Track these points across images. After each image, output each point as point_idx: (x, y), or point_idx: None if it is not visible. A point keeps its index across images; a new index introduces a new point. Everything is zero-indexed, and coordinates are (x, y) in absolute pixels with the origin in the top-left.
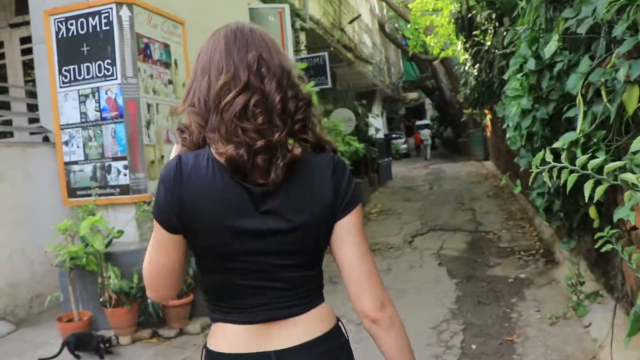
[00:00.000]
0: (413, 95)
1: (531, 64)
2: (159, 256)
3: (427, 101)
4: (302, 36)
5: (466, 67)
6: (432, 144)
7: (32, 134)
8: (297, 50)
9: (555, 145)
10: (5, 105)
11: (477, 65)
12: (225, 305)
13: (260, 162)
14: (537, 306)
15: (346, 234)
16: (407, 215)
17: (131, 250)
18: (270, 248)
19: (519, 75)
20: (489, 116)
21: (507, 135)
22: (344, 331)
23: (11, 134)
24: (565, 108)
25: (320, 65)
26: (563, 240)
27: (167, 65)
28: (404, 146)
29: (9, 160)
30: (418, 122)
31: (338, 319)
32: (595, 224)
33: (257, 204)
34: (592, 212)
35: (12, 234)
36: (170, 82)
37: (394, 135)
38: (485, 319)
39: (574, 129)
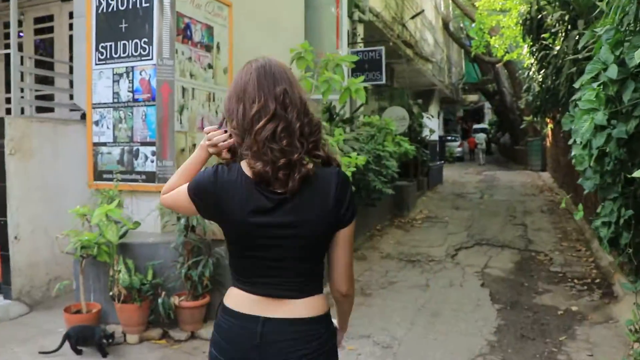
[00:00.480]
0: (472, 97)
1: (612, 72)
2: (175, 202)
3: (487, 105)
4: (360, 28)
5: (530, 72)
6: (487, 149)
7: (71, 110)
8: (353, 43)
9: (636, 175)
10: (50, 80)
11: (542, 71)
12: (240, 277)
13: (281, 176)
14: (589, 349)
15: (343, 240)
16: (454, 225)
17: (149, 243)
18: (280, 242)
19: (594, 85)
20: (550, 125)
21: (573, 153)
22: (328, 323)
23: (52, 110)
24: None
25: (375, 59)
26: (629, 279)
27: (208, 48)
28: (459, 149)
29: (40, 137)
30: (475, 126)
31: (327, 312)
32: None
33: (275, 208)
34: None
35: (37, 212)
36: (210, 66)
37: (449, 138)
38: (527, 357)
39: None
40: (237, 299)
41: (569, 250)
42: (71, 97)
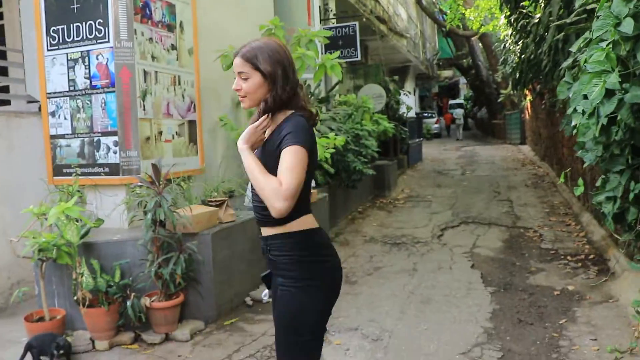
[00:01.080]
0: (447, 73)
1: (628, 26)
2: (300, 180)
3: (462, 80)
4: (332, 3)
5: (507, 44)
6: (464, 124)
7: (29, 102)
8: (325, 19)
9: None
10: (3, 71)
11: (521, 41)
12: (306, 205)
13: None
14: (592, 332)
15: None
16: (437, 203)
17: (115, 241)
18: None
19: (603, 44)
20: (529, 97)
21: (574, 122)
22: (303, 237)
23: (9, 103)
24: None
25: (349, 35)
26: (636, 257)
27: (170, 27)
28: (436, 126)
29: None
30: (451, 101)
31: (301, 231)
32: None
33: None
34: None
35: None
36: (173, 47)
37: (425, 114)
38: (527, 345)
39: None
40: (320, 231)
41: (558, 225)
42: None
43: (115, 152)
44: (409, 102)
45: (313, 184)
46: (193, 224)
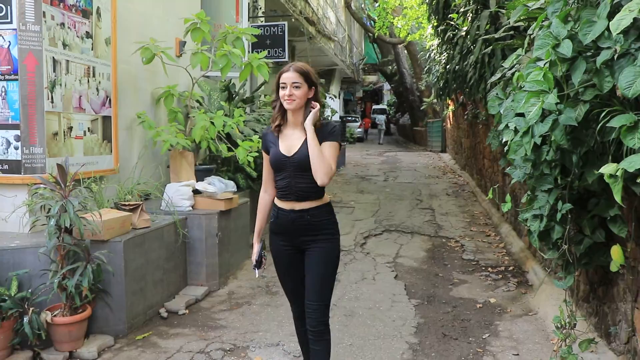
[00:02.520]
0: (372, 78)
1: (567, 48)
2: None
3: (386, 85)
4: (261, 1)
5: (433, 54)
6: (386, 130)
7: None
8: (254, 17)
9: (605, 170)
10: None
11: (447, 52)
12: None
13: None
14: (514, 347)
15: None
16: (360, 210)
17: (12, 248)
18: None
19: (540, 64)
20: (451, 107)
21: (505, 139)
22: (331, 206)
23: None
24: (604, 115)
25: (278, 35)
26: (558, 275)
27: (85, 13)
28: (359, 130)
29: None
30: (375, 106)
31: (330, 202)
32: (614, 267)
33: None
34: (617, 252)
35: None
36: (88, 35)
37: (349, 118)
38: None
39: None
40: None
41: (478, 235)
42: None
43: (16, 148)
44: (334, 105)
45: (235, 188)
46: (103, 231)
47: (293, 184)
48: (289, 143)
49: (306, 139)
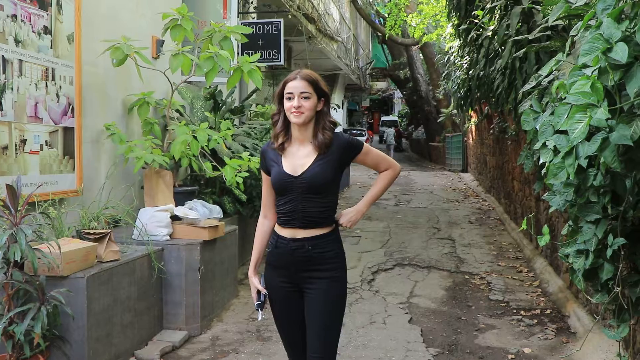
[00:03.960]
0: (381, 85)
1: (622, 53)
2: None
3: (397, 94)
4: None
5: (452, 57)
6: (397, 145)
7: None
8: (244, 13)
9: None
10: None
11: (470, 55)
12: None
13: None
14: None
15: None
16: (367, 239)
17: None
18: None
19: (587, 71)
20: (474, 119)
21: (542, 160)
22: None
23: None
24: None
25: (272, 34)
26: (609, 323)
27: (43, 4)
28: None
29: None
30: (383, 118)
31: (337, 230)
32: None
33: None
34: None
35: None
36: (47, 30)
37: (354, 131)
38: None
39: None
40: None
41: (508, 271)
42: None
43: None
44: (336, 116)
45: (220, 214)
46: (62, 265)
47: (300, 208)
48: (294, 162)
49: (317, 158)
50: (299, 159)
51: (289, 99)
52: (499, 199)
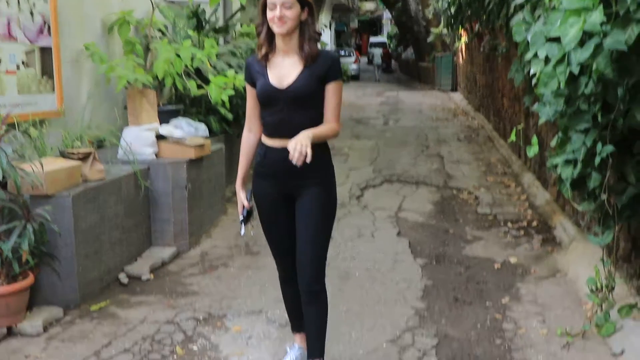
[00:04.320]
0: (370, 5)
1: None
2: None
3: (386, 14)
4: None
5: None
6: (387, 66)
7: None
8: None
9: None
10: None
11: None
12: None
13: None
14: (539, 313)
15: None
16: (356, 157)
17: None
18: None
19: None
20: (464, 38)
21: (533, 70)
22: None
23: None
24: None
25: None
26: (594, 230)
27: None
28: (354, 66)
29: None
30: (372, 39)
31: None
32: None
33: None
34: None
35: None
36: None
37: (342, 53)
38: (466, 329)
39: None
40: None
41: (496, 186)
42: None
43: None
44: (324, 38)
45: (206, 133)
46: (46, 183)
47: (287, 119)
48: (280, 73)
49: (303, 70)
50: (284, 69)
51: (271, 9)
52: (488, 117)
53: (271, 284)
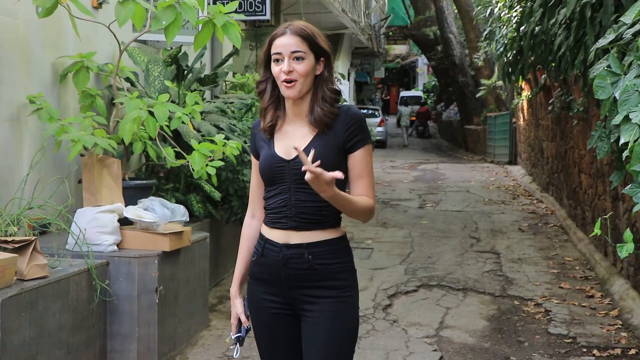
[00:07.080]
0: (401, 48)
1: None
2: None
3: (422, 60)
4: None
5: (497, 9)
6: (423, 130)
7: None
8: None
9: None
10: None
11: (521, 4)
12: None
13: None
14: None
15: None
16: (382, 253)
17: None
18: None
19: None
20: (526, 93)
21: (624, 139)
22: (347, 242)
23: None
24: None
25: None
26: None
27: None
28: (380, 129)
29: None
30: (403, 93)
31: (345, 235)
32: None
33: None
34: None
35: None
36: None
37: (364, 111)
38: None
39: None
40: None
41: (574, 296)
42: None
43: None
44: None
45: (186, 217)
46: None
47: (293, 201)
48: (288, 143)
49: (315, 137)
50: (294, 139)
51: (277, 60)
52: (561, 200)
53: None
